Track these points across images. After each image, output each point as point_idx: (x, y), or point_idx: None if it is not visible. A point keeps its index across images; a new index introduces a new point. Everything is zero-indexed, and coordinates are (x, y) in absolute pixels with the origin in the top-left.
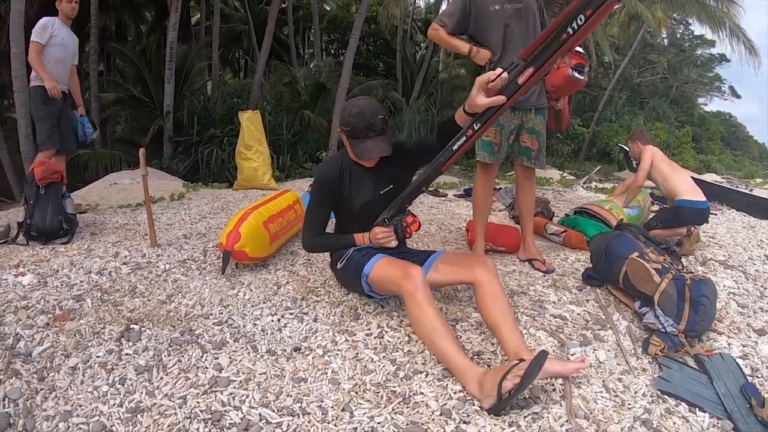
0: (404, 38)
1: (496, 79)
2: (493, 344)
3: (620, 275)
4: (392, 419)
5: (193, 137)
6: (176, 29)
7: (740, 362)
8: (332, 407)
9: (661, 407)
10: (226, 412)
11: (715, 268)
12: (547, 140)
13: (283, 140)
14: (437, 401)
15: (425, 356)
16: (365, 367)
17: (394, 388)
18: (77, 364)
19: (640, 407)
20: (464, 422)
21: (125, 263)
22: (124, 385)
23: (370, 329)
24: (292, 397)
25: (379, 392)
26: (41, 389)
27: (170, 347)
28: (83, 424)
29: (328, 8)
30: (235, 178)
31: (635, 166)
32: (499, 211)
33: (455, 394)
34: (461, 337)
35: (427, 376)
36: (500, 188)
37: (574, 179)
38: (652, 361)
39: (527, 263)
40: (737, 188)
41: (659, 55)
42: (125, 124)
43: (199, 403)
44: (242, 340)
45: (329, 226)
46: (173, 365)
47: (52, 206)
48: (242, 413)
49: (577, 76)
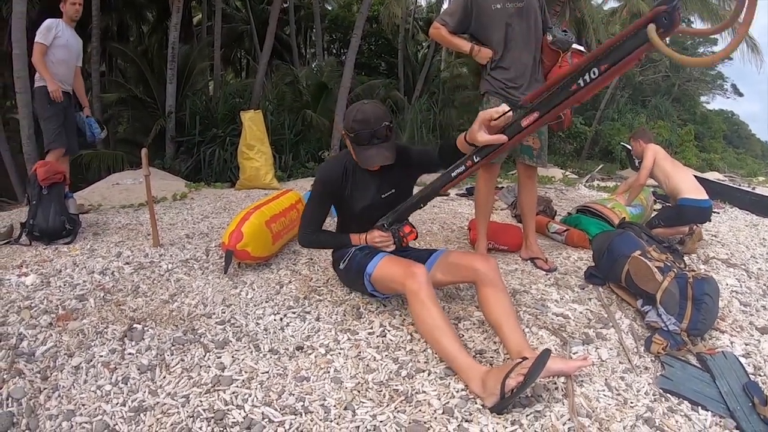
0: (406, 37)
1: (499, 117)
2: (495, 343)
3: (622, 274)
4: (395, 418)
5: (195, 137)
6: (178, 29)
7: (743, 360)
8: (335, 406)
9: (663, 406)
10: (228, 411)
11: (717, 266)
12: (549, 139)
13: (285, 140)
14: (439, 400)
15: (427, 355)
16: (368, 365)
17: (396, 386)
18: (80, 363)
19: (642, 406)
20: (466, 421)
21: (128, 263)
22: (127, 384)
23: (372, 328)
24: (294, 395)
25: (381, 391)
26: (44, 389)
27: (173, 346)
28: (86, 423)
29: (329, 8)
30: (237, 177)
31: (637, 164)
32: (501, 209)
33: (458, 392)
34: (464, 335)
35: (429, 374)
36: (502, 187)
37: (576, 178)
38: (654, 359)
39: (529, 262)
40: (740, 186)
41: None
42: (127, 124)
43: (201, 402)
44: (245, 339)
45: (331, 225)
46: (176, 364)
47: (54, 207)
48: (245, 412)
49: None
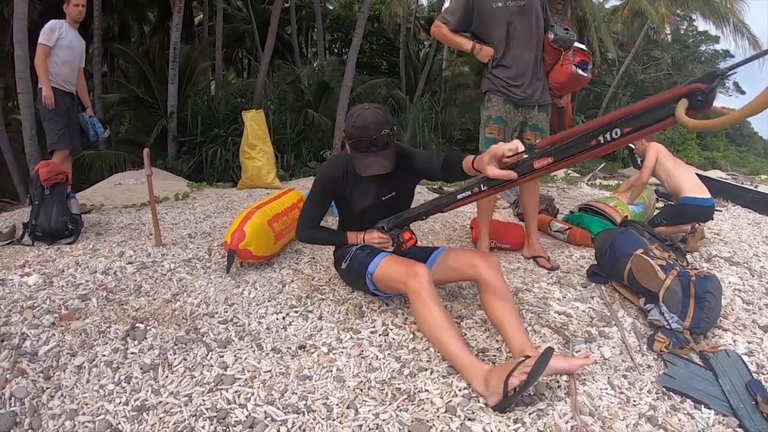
0: (407, 36)
1: (512, 156)
2: (497, 341)
3: (625, 272)
4: (397, 416)
5: (197, 137)
6: (179, 30)
7: (745, 359)
8: (337, 405)
9: (666, 404)
10: (231, 409)
11: (720, 264)
12: None
13: (287, 139)
14: (442, 398)
15: (430, 353)
16: (370, 364)
17: (398, 385)
18: (83, 363)
19: (645, 404)
20: (469, 419)
21: (130, 263)
22: (129, 383)
23: (374, 327)
24: (297, 394)
25: (383, 389)
26: (47, 388)
27: (175, 346)
28: (89, 422)
29: (330, 7)
30: (239, 177)
31: (640, 163)
32: (503, 208)
33: (460, 391)
34: (466, 334)
35: (431, 373)
36: None
37: (578, 176)
38: (657, 357)
39: (532, 260)
40: (742, 185)
41: (663, 51)
42: (129, 124)
43: (204, 401)
44: (247, 338)
45: (333, 224)
46: (179, 363)
47: (57, 207)
48: (247, 411)
49: (580, 73)
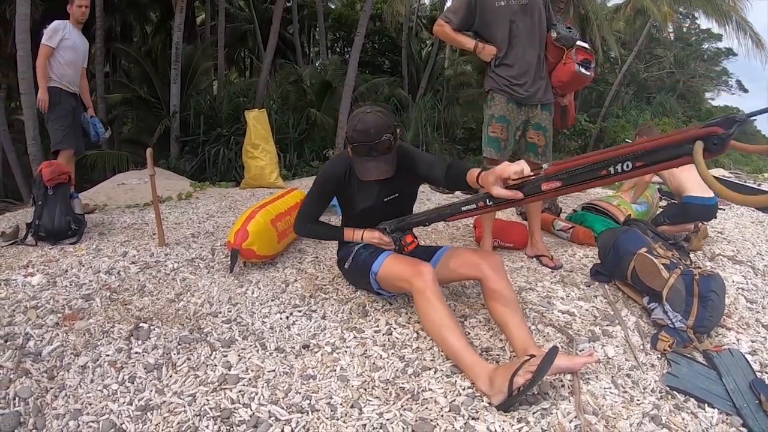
0: (410, 35)
1: (518, 179)
2: (501, 341)
3: (628, 271)
4: (401, 416)
5: (199, 137)
6: (181, 29)
7: (749, 358)
8: (341, 404)
9: (669, 403)
10: (235, 409)
11: (723, 263)
12: (553, 136)
13: (289, 139)
14: (446, 398)
15: (434, 353)
16: (374, 364)
17: (402, 384)
18: (87, 362)
19: (648, 403)
20: (473, 418)
21: (134, 262)
22: (133, 383)
23: (378, 326)
24: (301, 394)
25: (387, 389)
26: (51, 388)
27: (179, 345)
28: (93, 422)
29: (332, 6)
30: (242, 177)
31: None
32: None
33: (464, 390)
34: (470, 333)
35: (435, 372)
36: None
37: None
38: (660, 356)
39: (535, 259)
40: (745, 183)
41: (666, 49)
42: (132, 124)
43: (208, 400)
44: (251, 337)
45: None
46: (182, 363)
47: (60, 207)
48: (251, 410)
49: (583, 71)
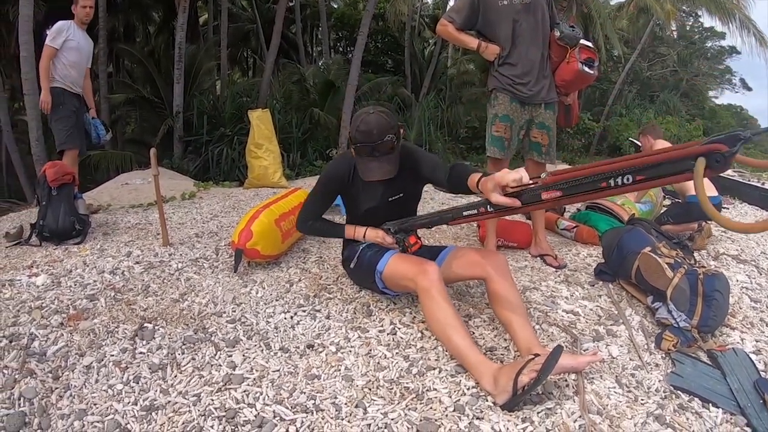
0: (412, 35)
1: (516, 187)
2: (505, 340)
3: (632, 270)
4: (405, 415)
5: (203, 137)
6: (184, 29)
7: (753, 357)
8: (346, 404)
9: (674, 403)
10: (240, 409)
11: (727, 262)
12: (557, 135)
13: (293, 138)
14: (450, 397)
15: (438, 352)
16: (378, 363)
17: (407, 384)
18: (91, 363)
19: (653, 403)
20: (477, 418)
21: (138, 262)
22: (138, 383)
23: (382, 326)
24: (305, 394)
25: (392, 388)
26: (56, 388)
27: (184, 345)
28: (98, 422)
29: (335, 6)
30: (245, 176)
31: None
32: None
33: (468, 390)
34: (474, 333)
35: (440, 372)
36: None
37: None
38: (665, 356)
39: (539, 259)
40: (749, 182)
41: (669, 48)
42: (135, 124)
43: (213, 400)
44: (255, 337)
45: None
46: (187, 363)
47: (64, 207)
48: (256, 410)
49: (586, 70)
